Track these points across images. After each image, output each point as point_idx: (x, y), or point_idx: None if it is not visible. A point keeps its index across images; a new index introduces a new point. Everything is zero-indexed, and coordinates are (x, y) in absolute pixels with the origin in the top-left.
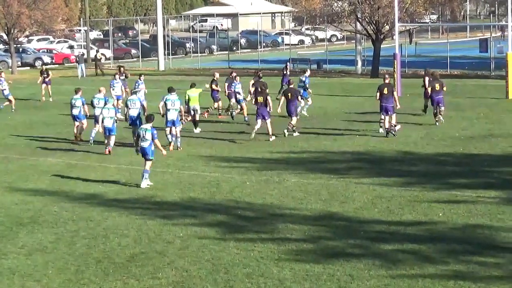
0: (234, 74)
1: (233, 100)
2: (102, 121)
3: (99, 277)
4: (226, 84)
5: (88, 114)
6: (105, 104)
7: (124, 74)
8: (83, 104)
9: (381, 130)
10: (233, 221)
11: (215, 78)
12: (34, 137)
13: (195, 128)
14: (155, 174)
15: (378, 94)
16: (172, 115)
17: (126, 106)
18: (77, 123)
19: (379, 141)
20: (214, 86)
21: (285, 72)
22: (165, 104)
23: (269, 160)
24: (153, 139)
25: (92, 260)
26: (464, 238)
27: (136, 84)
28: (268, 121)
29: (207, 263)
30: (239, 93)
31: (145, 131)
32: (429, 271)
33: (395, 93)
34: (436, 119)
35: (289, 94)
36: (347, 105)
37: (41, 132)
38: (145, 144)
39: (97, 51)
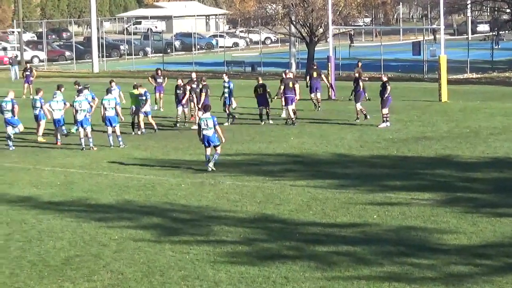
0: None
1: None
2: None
3: (34, 280)
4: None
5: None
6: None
7: (161, 77)
8: (41, 105)
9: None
10: (169, 224)
11: (192, 79)
12: None
13: (133, 130)
14: (89, 176)
15: (282, 87)
16: (109, 114)
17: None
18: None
19: (313, 143)
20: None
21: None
22: (102, 104)
23: (204, 162)
24: (214, 126)
25: (26, 263)
26: (399, 240)
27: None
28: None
29: (142, 266)
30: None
31: (207, 120)
32: (364, 272)
33: (296, 85)
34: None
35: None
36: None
37: None
38: (209, 133)
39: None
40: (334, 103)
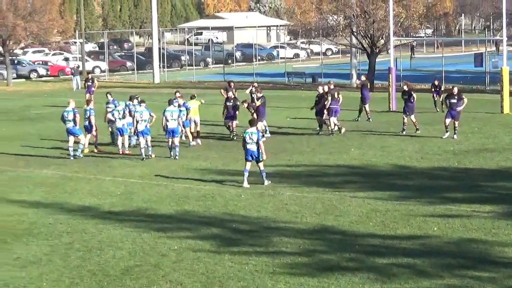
0: (255, 85)
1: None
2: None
3: None
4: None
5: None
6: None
7: (233, 89)
8: (89, 115)
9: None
10: (228, 234)
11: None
12: (28, 149)
13: (192, 140)
14: (149, 186)
15: (329, 98)
16: (171, 125)
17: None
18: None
19: (374, 155)
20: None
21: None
22: (165, 116)
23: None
24: (258, 141)
25: (86, 273)
26: (459, 252)
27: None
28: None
29: (201, 276)
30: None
31: (252, 134)
32: (424, 285)
33: (340, 95)
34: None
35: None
36: (343, 119)
37: (35, 144)
38: (253, 147)
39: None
40: (394, 115)
